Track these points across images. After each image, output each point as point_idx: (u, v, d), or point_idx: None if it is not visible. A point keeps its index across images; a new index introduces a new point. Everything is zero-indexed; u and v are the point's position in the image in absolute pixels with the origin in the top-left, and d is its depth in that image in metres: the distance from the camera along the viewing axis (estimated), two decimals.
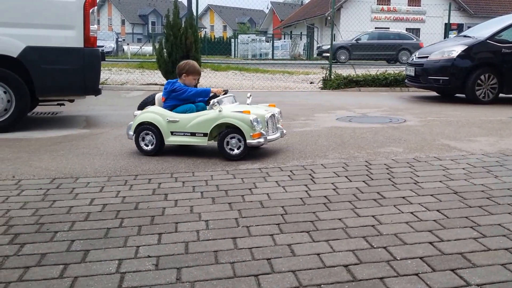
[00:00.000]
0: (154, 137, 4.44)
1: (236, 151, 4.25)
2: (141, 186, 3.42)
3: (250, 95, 4.69)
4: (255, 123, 4.16)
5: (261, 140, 4.23)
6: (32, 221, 2.71)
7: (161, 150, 4.49)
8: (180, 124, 4.38)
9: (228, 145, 4.25)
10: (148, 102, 4.72)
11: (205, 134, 4.32)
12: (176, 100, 4.51)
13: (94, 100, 7.97)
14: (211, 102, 4.30)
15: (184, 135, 4.40)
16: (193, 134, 4.37)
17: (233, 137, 4.24)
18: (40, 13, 5.59)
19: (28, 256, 2.26)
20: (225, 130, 4.26)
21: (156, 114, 4.48)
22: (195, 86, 4.69)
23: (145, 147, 4.49)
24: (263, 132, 4.26)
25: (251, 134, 4.16)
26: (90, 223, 2.69)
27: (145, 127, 4.48)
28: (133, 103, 6.01)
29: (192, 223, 2.70)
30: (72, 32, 5.69)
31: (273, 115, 4.49)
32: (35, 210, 2.90)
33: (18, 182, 3.50)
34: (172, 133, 4.42)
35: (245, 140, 4.19)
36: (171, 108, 4.50)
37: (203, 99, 4.54)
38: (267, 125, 4.35)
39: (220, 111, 4.25)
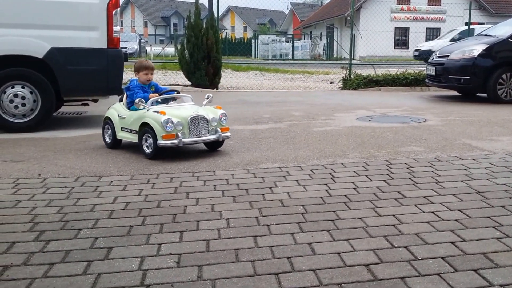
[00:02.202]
0: (111, 131, 4.70)
1: (147, 150, 4.26)
2: (163, 184, 3.46)
3: (208, 96, 4.66)
4: (168, 124, 4.10)
5: (175, 141, 4.15)
6: (57, 219, 2.77)
7: (116, 144, 4.70)
8: (126, 120, 4.55)
9: (147, 144, 4.28)
10: (121, 98, 4.90)
11: (136, 132, 4.41)
12: (131, 98, 4.61)
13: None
14: (136, 101, 4.33)
15: (127, 131, 4.55)
16: (131, 131, 4.49)
17: (149, 137, 4.24)
18: (64, 15, 5.69)
19: (53, 253, 2.30)
20: (145, 129, 4.29)
21: (114, 110, 4.74)
22: (149, 80, 4.71)
23: (108, 140, 4.79)
24: (179, 134, 4.18)
25: (162, 135, 4.12)
26: (113, 221, 2.73)
27: (107, 122, 4.81)
28: None
29: (213, 221, 2.72)
30: (96, 33, 5.78)
31: (201, 118, 4.31)
32: (60, 208, 2.95)
33: (43, 180, 3.57)
34: (122, 128, 4.61)
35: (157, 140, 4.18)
36: (130, 105, 4.61)
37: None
38: (189, 127, 4.26)
39: (147, 110, 4.30)
